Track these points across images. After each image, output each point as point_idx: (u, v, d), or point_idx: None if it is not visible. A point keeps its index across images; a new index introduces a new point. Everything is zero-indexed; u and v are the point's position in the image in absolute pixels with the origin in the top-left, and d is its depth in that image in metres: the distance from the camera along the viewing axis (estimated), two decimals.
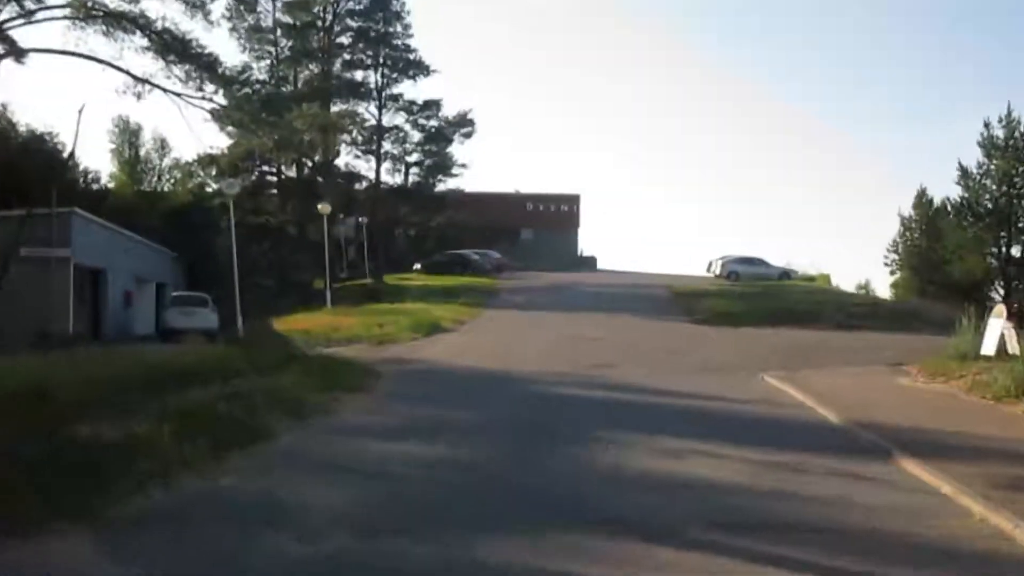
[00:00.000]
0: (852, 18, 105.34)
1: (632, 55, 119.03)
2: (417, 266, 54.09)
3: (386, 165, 56.87)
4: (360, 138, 55.36)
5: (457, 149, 58.19)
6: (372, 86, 55.36)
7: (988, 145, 48.08)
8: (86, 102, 58.07)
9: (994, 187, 48.44)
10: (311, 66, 55.26)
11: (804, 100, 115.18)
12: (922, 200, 58.26)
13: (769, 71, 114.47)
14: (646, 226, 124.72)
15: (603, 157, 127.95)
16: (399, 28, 54.99)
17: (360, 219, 55.36)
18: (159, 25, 31.14)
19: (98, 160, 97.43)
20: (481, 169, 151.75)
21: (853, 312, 33.67)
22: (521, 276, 51.37)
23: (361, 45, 55.28)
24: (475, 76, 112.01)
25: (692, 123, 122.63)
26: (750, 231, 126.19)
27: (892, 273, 60.22)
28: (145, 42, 31.08)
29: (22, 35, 34.33)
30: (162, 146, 58.04)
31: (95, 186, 50.92)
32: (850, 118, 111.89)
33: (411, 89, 75.17)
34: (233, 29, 53.18)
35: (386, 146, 56.40)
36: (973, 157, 49.31)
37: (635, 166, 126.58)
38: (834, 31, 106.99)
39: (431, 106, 56.62)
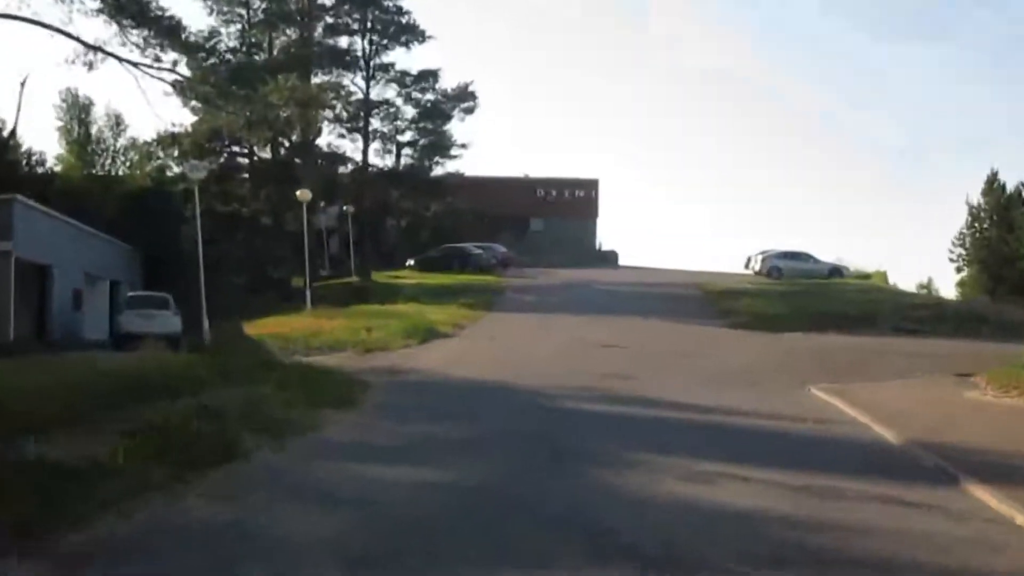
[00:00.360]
0: None
1: (649, 39, 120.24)
2: (410, 261, 54.17)
3: (375, 145, 57.12)
4: (345, 114, 55.59)
5: (457, 127, 58.53)
6: (359, 54, 55.61)
7: None
8: (29, 73, 58.37)
9: None
10: (288, 31, 55.43)
11: (857, 80, 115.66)
12: (993, 186, 57.91)
13: (816, 52, 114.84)
14: (672, 218, 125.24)
15: (621, 139, 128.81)
16: None
17: (345, 207, 55.47)
18: None
19: (43, 140, 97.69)
20: (484, 150, 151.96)
21: (914, 315, 33.69)
22: (530, 273, 51.37)
23: (346, 7, 55.42)
24: (477, 43, 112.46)
25: (725, 108, 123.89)
26: (795, 225, 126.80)
27: (958, 270, 60.10)
28: (97, 4, 31.01)
29: None
30: (117, 123, 58.11)
31: (40, 169, 51.02)
32: (912, 99, 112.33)
33: (404, 58, 75.80)
34: None
35: (374, 123, 56.65)
36: None
37: (657, 151, 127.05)
38: None
39: (427, 77, 56.76)
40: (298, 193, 41.71)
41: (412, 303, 36.92)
